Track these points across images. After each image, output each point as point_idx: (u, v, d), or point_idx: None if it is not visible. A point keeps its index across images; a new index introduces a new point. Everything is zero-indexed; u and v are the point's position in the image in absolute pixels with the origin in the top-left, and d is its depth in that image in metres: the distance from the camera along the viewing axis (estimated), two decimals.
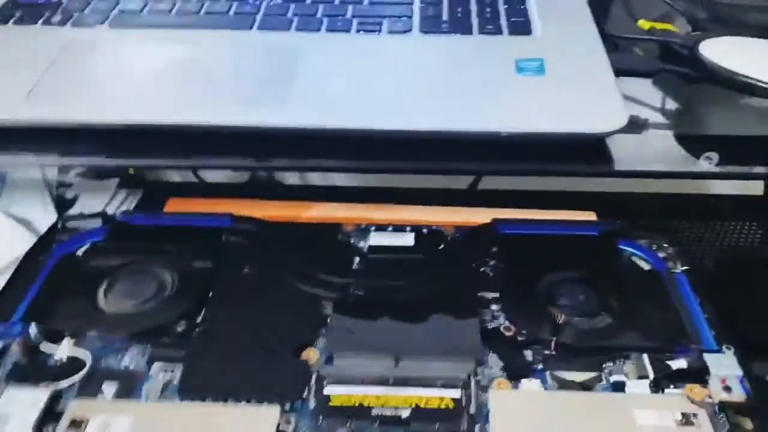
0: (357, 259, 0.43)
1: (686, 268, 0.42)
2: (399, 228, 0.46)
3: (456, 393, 0.34)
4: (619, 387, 0.35)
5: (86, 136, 0.42)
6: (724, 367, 0.35)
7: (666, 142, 0.45)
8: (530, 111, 0.40)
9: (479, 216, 0.47)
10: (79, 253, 0.43)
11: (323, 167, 0.43)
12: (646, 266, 0.42)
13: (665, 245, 0.44)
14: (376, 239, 0.44)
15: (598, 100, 0.41)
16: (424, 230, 0.45)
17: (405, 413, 0.33)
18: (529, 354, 0.37)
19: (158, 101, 0.42)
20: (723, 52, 0.45)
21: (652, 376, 0.35)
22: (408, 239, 0.44)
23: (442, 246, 0.44)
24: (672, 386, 0.35)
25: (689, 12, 0.53)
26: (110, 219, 0.46)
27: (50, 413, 0.34)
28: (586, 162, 0.41)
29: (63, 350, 0.37)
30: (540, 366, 0.36)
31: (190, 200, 0.50)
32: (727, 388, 0.34)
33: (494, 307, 0.39)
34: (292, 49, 0.45)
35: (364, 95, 0.42)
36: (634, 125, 0.43)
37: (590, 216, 0.47)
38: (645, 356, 0.36)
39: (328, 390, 0.34)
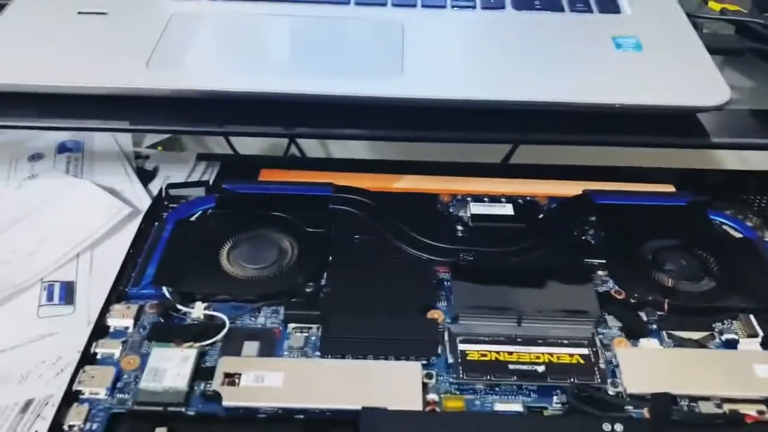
0: (460, 228, 0.45)
1: None
2: (494, 199, 0.47)
3: (584, 350, 0.36)
4: (731, 344, 0.37)
5: (193, 104, 0.43)
6: None
7: (745, 118, 0.47)
8: (638, 85, 0.42)
9: (567, 188, 0.49)
10: (193, 219, 0.45)
11: (434, 138, 0.45)
12: (737, 234, 0.45)
13: (750, 215, 0.46)
14: (477, 209, 0.46)
15: (700, 75, 0.43)
16: (520, 200, 0.47)
17: (540, 368, 0.35)
18: (642, 315, 0.39)
19: (274, 72, 0.43)
20: None
21: (761, 334, 0.37)
22: (507, 209, 0.46)
23: (541, 216, 0.46)
24: None
25: None
26: (216, 187, 0.47)
27: (197, 370, 0.35)
28: (683, 135, 0.43)
29: (197, 312, 0.38)
30: (655, 326, 0.38)
31: (281, 171, 0.51)
32: None
33: (600, 272, 0.42)
34: (394, 24, 0.46)
35: (469, 70, 0.44)
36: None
37: (669, 188, 0.49)
38: (752, 317, 0.38)
39: (462, 347, 0.36)
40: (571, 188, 0.48)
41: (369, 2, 0.49)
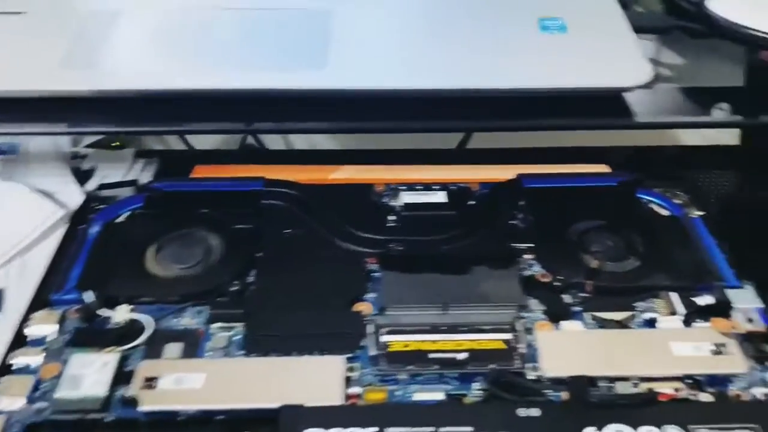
0: (392, 217, 0.45)
1: (702, 213, 0.45)
2: (428, 186, 0.47)
3: (506, 335, 0.36)
4: (651, 323, 0.38)
5: (111, 104, 0.42)
6: (746, 301, 0.38)
7: (675, 95, 0.47)
8: (559, 68, 0.42)
9: (500, 172, 0.49)
10: (120, 221, 0.44)
11: (360, 129, 0.44)
12: (664, 212, 0.45)
13: (679, 192, 0.47)
14: (408, 197, 0.46)
15: (623, 56, 0.43)
16: (452, 187, 0.47)
17: (461, 356, 0.35)
18: (566, 298, 0.39)
19: (192, 67, 0.43)
20: (729, 6, 0.47)
21: (681, 312, 0.38)
22: (440, 197, 0.46)
23: (471, 202, 0.46)
24: (700, 320, 0.38)
25: None
26: (144, 187, 0.46)
27: (119, 374, 0.35)
28: (608, 116, 0.43)
29: (121, 315, 0.38)
30: (578, 308, 0.39)
31: (214, 167, 0.51)
32: (750, 320, 0.38)
33: (528, 256, 0.42)
34: (323, 12, 0.45)
35: (396, 57, 0.43)
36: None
37: (603, 168, 0.50)
38: (673, 295, 0.39)
39: (385, 338, 0.36)
40: (509, 172, 0.48)
41: None
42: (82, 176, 0.56)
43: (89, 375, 0.34)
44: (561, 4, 0.47)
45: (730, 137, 0.61)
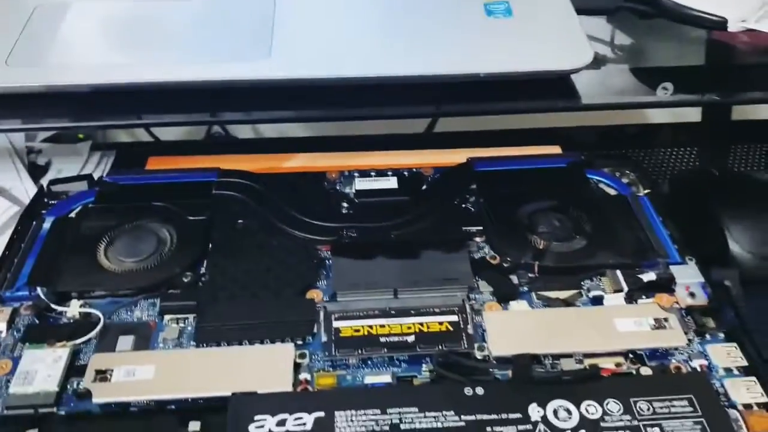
0: (345, 204, 0.45)
1: (648, 191, 0.46)
2: (381, 173, 0.48)
3: (453, 317, 0.37)
4: (598, 301, 0.39)
5: (62, 98, 0.42)
6: (688, 276, 0.39)
7: (623, 76, 0.48)
8: (503, 52, 0.43)
9: (453, 156, 0.49)
10: (72, 216, 0.44)
11: (306, 118, 0.45)
12: (612, 192, 0.46)
13: (628, 172, 0.47)
14: (361, 184, 0.46)
15: (565, 39, 0.44)
16: (405, 173, 0.48)
17: (410, 338, 0.36)
18: (514, 279, 0.40)
19: (138, 60, 0.43)
20: None
21: (626, 289, 0.39)
22: (392, 182, 0.47)
23: (424, 186, 0.47)
24: (644, 297, 0.39)
25: None
26: (97, 181, 0.46)
27: (72, 368, 0.35)
28: (555, 98, 0.44)
29: (73, 310, 0.38)
30: (526, 288, 0.39)
31: (169, 158, 0.50)
32: (692, 294, 0.39)
33: (478, 239, 0.42)
34: (265, 1, 0.45)
35: (341, 44, 0.43)
36: (594, 61, 0.46)
37: (555, 149, 0.50)
38: (618, 272, 0.40)
39: (336, 324, 0.37)
40: (457, 156, 0.49)
41: None
42: (37, 171, 0.56)
43: (41, 370, 0.35)
44: None
45: (694, 114, 0.62)
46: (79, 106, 0.42)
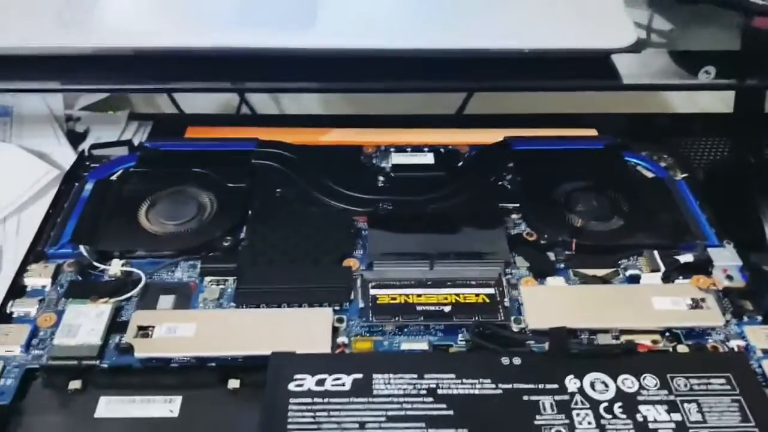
0: (381, 178, 0.46)
1: (686, 175, 0.45)
2: (417, 149, 0.48)
3: (490, 290, 0.37)
4: (634, 280, 0.39)
5: (105, 61, 0.43)
6: (726, 259, 0.39)
7: (663, 59, 0.48)
8: (548, 29, 0.43)
9: (490, 135, 0.49)
10: (113, 178, 0.45)
11: (345, 89, 0.45)
12: (649, 174, 0.46)
13: (665, 156, 0.47)
14: (397, 159, 0.47)
15: (608, 18, 0.43)
16: (441, 149, 0.48)
17: (446, 308, 0.36)
18: (551, 255, 0.40)
19: (184, 26, 0.43)
20: None
21: (663, 269, 0.39)
22: (428, 158, 0.47)
23: (460, 163, 0.47)
24: (681, 277, 0.39)
25: None
26: (138, 146, 0.47)
27: (114, 324, 0.36)
28: (595, 77, 0.44)
29: (114, 268, 0.39)
30: (562, 265, 0.40)
31: (207, 128, 0.51)
32: (729, 277, 0.39)
33: (515, 216, 0.43)
34: None
35: (385, 18, 0.44)
36: (634, 44, 0.46)
37: (592, 132, 0.50)
38: (656, 252, 0.40)
39: (373, 292, 0.37)
40: (494, 136, 0.49)
41: None
42: (76, 138, 0.57)
43: (85, 324, 0.35)
44: None
45: (724, 105, 0.62)
46: (121, 69, 0.43)
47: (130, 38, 0.41)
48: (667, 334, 0.36)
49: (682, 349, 0.35)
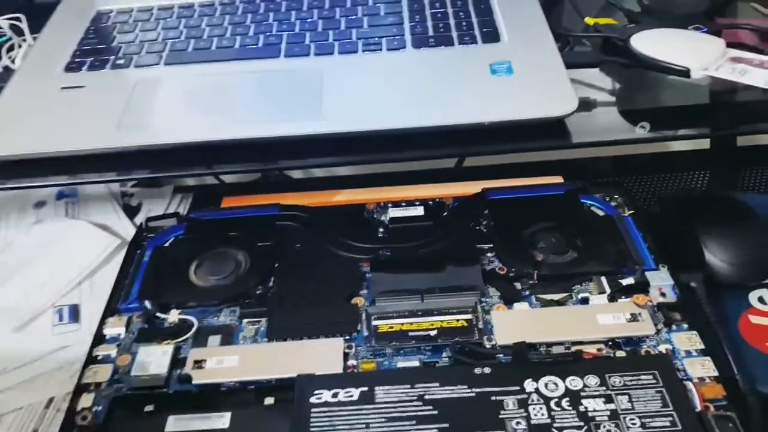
0: (381, 229, 0.56)
1: (632, 212, 0.55)
2: (410, 203, 0.58)
3: (468, 316, 0.47)
4: (585, 301, 0.48)
5: (157, 154, 0.54)
6: (661, 280, 0.48)
7: (610, 116, 0.58)
8: (504, 104, 0.52)
9: (471, 188, 0.59)
10: (167, 245, 0.56)
11: (349, 162, 0.55)
12: (601, 213, 0.55)
13: (616, 196, 0.57)
14: (394, 213, 0.57)
15: (555, 90, 0.53)
16: (430, 202, 0.58)
17: (433, 332, 0.46)
18: (518, 285, 0.50)
19: (216, 122, 0.54)
20: (649, 42, 0.57)
21: (608, 291, 0.48)
22: (419, 210, 0.57)
23: (445, 213, 0.57)
24: (623, 297, 0.48)
25: (626, 7, 0.66)
26: (184, 217, 0.58)
27: (175, 360, 0.46)
28: (552, 138, 0.54)
29: (173, 317, 0.49)
30: (527, 292, 0.49)
31: (239, 197, 0.62)
32: (663, 294, 0.48)
33: (489, 254, 0.52)
34: (316, 71, 0.57)
35: (377, 104, 0.54)
36: (586, 105, 0.56)
37: (558, 179, 0.60)
38: (603, 278, 0.49)
39: (375, 323, 0.47)
40: (475, 187, 0.59)
41: (295, 54, 0.59)
42: (132, 211, 0.69)
43: (153, 361, 0.46)
44: (509, 50, 0.57)
45: (680, 145, 0.72)
46: (172, 158, 0.54)
47: (175, 135, 0.52)
48: (610, 343, 0.45)
49: (620, 354, 0.44)
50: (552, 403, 0.41)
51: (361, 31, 0.61)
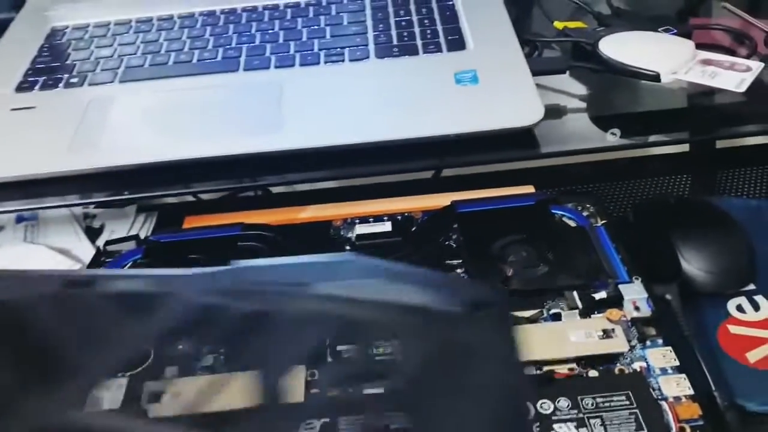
0: (348, 247, 0.54)
1: (604, 222, 0.53)
2: (378, 218, 0.56)
3: None
4: (556, 317, 0.46)
5: (113, 175, 0.52)
6: (634, 293, 0.47)
7: (580, 123, 0.56)
8: (469, 115, 0.51)
9: (441, 200, 0.58)
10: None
11: (311, 179, 0.54)
12: (573, 224, 0.53)
13: (588, 205, 0.55)
14: (361, 229, 0.55)
15: (520, 99, 0.52)
16: (398, 217, 0.56)
17: None
18: None
19: (172, 141, 0.52)
20: (618, 46, 0.56)
21: (580, 306, 0.46)
22: (386, 226, 0.55)
23: (414, 228, 0.55)
24: (596, 312, 0.46)
25: (595, 9, 0.65)
26: (143, 240, 0.56)
27: (130, 394, 0.44)
28: (519, 148, 0.52)
29: None
30: None
31: (202, 216, 0.60)
32: (637, 308, 0.46)
33: (459, 270, 0.51)
34: (276, 84, 0.55)
35: (339, 118, 0.52)
36: (556, 112, 0.54)
37: (529, 189, 0.59)
38: (575, 293, 0.47)
39: None
40: (445, 199, 0.57)
41: (255, 67, 0.57)
42: (93, 233, 0.67)
43: (105, 397, 0.44)
44: (474, 59, 0.56)
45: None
46: (127, 180, 0.52)
47: (132, 155, 0.50)
48: (582, 361, 0.43)
49: (593, 374, 0.42)
50: None
51: (323, 42, 0.59)
